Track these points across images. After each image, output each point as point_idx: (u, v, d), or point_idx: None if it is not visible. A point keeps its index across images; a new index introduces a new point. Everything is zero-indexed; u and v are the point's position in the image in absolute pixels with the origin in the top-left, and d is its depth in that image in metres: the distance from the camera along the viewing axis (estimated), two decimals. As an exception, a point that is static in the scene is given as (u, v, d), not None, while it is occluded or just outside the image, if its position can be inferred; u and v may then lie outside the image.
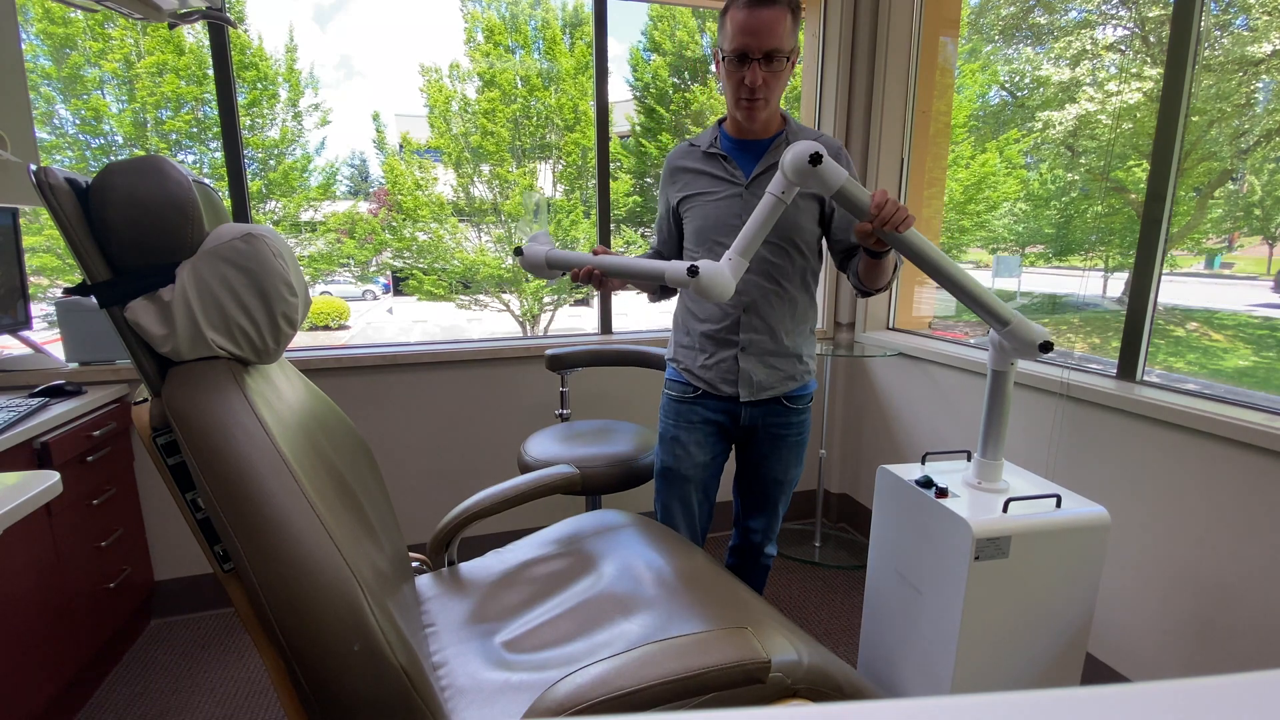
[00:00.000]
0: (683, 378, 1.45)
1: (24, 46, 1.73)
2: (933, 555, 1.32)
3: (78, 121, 6.42)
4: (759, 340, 1.38)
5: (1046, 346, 1.21)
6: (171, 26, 1.46)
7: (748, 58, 1.22)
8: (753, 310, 1.37)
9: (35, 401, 1.57)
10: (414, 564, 1.35)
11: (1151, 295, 1.55)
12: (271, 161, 7.17)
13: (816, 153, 1.06)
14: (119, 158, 1.18)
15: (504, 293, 8.23)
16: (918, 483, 1.38)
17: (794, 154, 1.09)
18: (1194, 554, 1.42)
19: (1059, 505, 1.29)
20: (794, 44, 1.25)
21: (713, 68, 1.42)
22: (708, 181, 1.38)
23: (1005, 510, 1.26)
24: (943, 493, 1.33)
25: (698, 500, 1.47)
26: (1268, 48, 2.15)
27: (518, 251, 1.20)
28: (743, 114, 1.30)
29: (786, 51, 1.23)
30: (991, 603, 1.25)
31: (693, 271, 1.09)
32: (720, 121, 1.42)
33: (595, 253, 1.22)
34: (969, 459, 1.47)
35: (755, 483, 1.50)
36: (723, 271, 1.10)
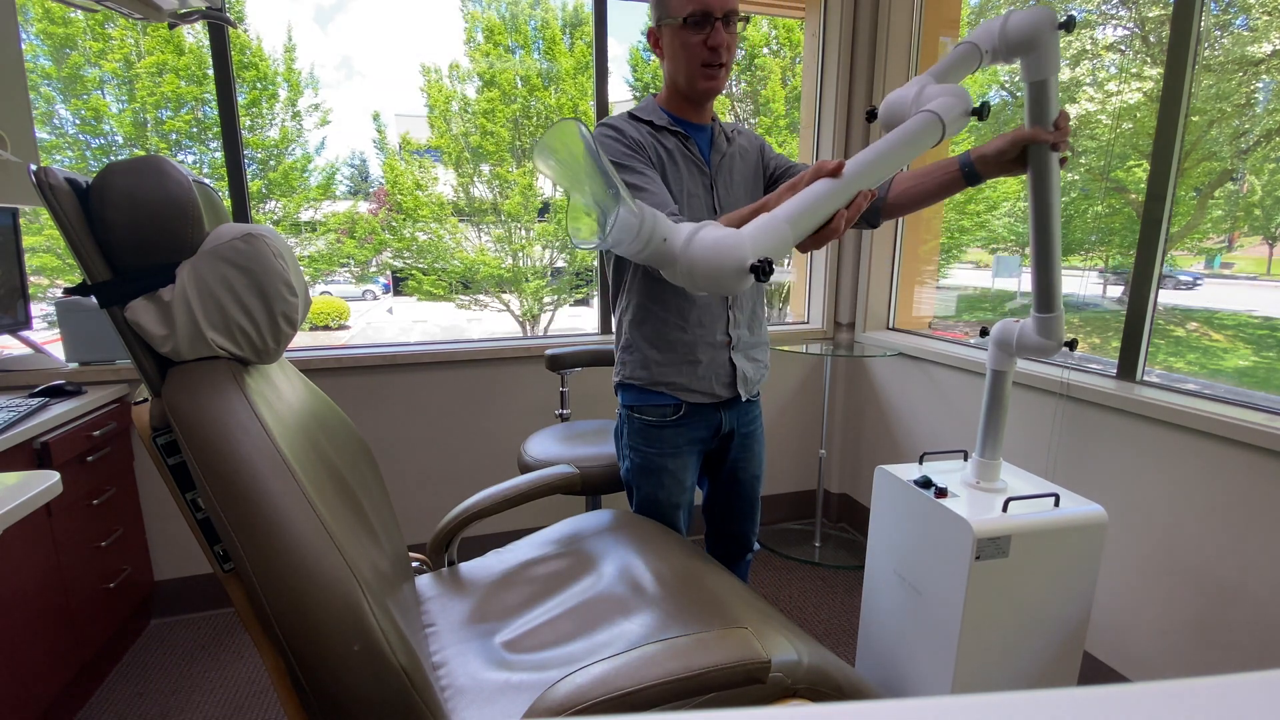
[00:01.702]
0: (667, 398, 1.31)
1: (24, 46, 1.73)
2: (933, 555, 1.32)
3: (78, 121, 6.42)
4: (743, 335, 1.34)
5: (1072, 344, 1.24)
6: (171, 26, 1.46)
7: (711, 17, 1.16)
8: (737, 305, 1.32)
9: (35, 401, 1.57)
10: (414, 564, 1.35)
11: (1151, 295, 1.55)
12: (271, 161, 7.17)
13: (1072, 17, 0.90)
14: (119, 158, 1.18)
15: (504, 293, 8.23)
16: (916, 483, 1.38)
17: (1036, 12, 0.91)
18: (1194, 553, 1.42)
19: (1057, 504, 1.29)
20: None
21: (649, 47, 1.27)
22: (681, 164, 1.25)
23: (1005, 510, 1.26)
24: (942, 493, 1.33)
25: (684, 520, 1.41)
26: (1268, 48, 2.15)
27: (764, 270, 0.65)
28: (706, 83, 1.21)
29: (744, 15, 1.21)
30: (992, 602, 1.25)
31: (984, 111, 0.85)
32: (655, 98, 1.29)
33: (832, 172, 0.76)
34: (965, 459, 1.47)
35: (737, 487, 1.45)
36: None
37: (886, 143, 0.82)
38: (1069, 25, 0.92)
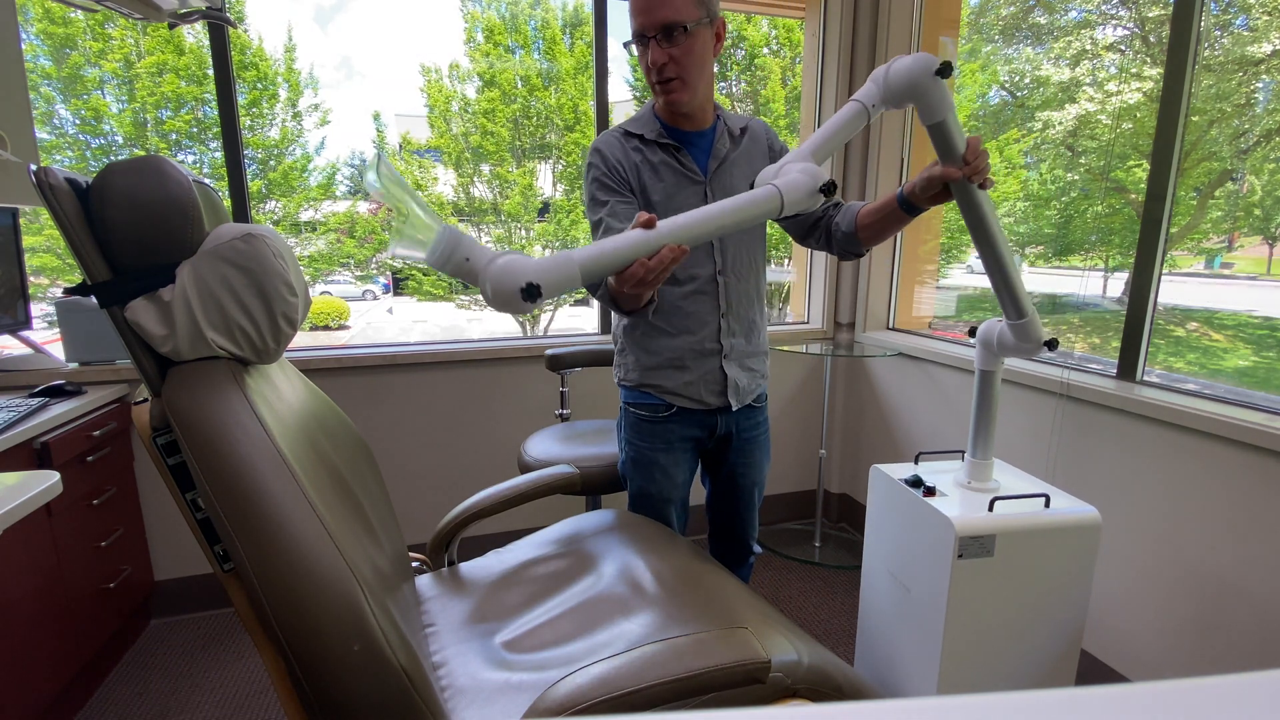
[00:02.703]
0: (654, 398, 1.32)
1: (24, 46, 1.73)
2: (919, 553, 1.32)
3: (78, 121, 6.42)
4: (738, 344, 1.33)
5: (1053, 344, 1.22)
6: (171, 26, 1.46)
7: (644, 37, 1.14)
8: (731, 314, 1.31)
9: (35, 401, 1.57)
10: (414, 564, 1.35)
11: (1151, 295, 1.55)
12: (271, 161, 7.17)
13: (948, 63, 0.91)
14: (119, 158, 1.18)
15: (504, 293, 8.22)
16: (907, 482, 1.38)
17: (914, 61, 0.93)
18: (1194, 554, 1.42)
19: (1048, 505, 1.29)
20: (702, 14, 1.13)
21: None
22: (668, 178, 1.24)
23: (991, 509, 1.26)
24: (930, 491, 1.34)
25: (677, 515, 1.42)
26: (1268, 48, 2.15)
27: (533, 292, 0.74)
28: (661, 98, 1.20)
29: (687, 22, 1.11)
30: (977, 601, 1.25)
31: (829, 189, 0.89)
32: (653, 105, 1.28)
33: (645, 224, 0.83)
34: (963, 459, 1.47)
35: (735, 491, 1.45)
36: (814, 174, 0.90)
37: (712, 209, 0.87)
38: (945, 72, 0.92)
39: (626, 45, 1.19)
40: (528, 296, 0.75)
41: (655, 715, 0.72)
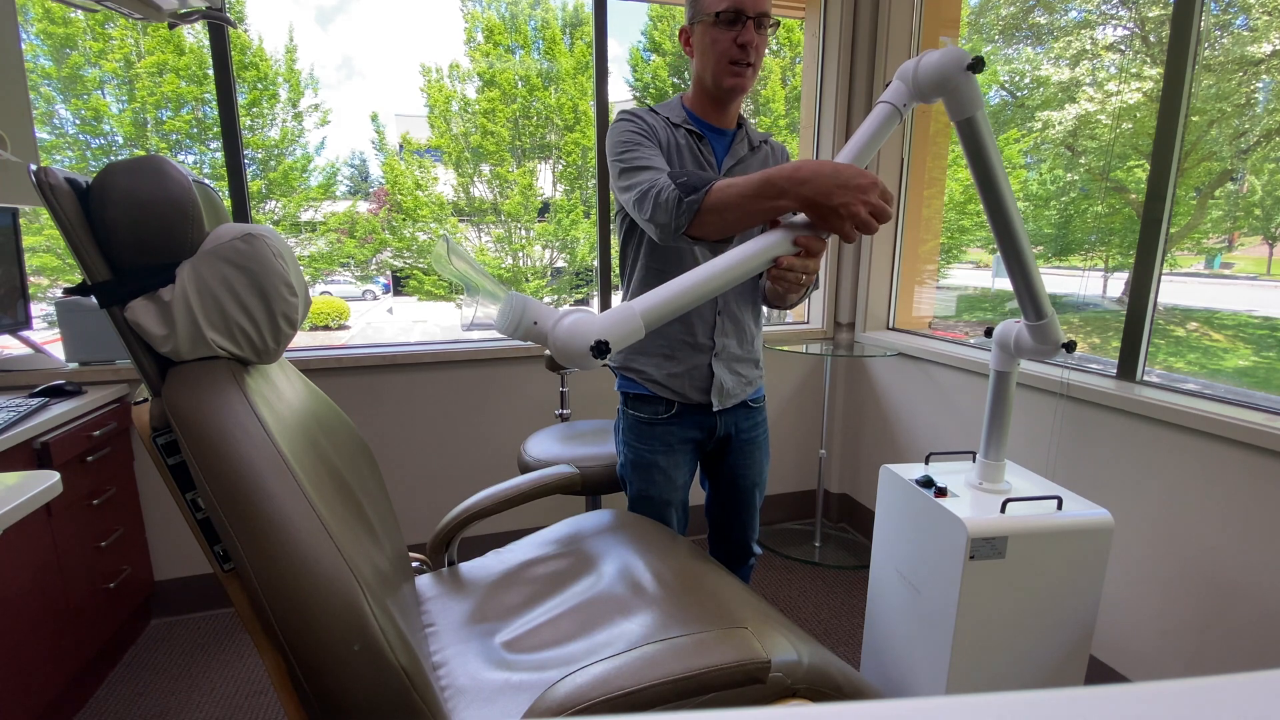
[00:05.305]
0: (649, 391, 1.33)
1: (24, 46, 1.73)
2: (930, 554, 1.32)
3: (78, 121, 6.43)
4: (729, 345, 1.33)
5: (1070, 346, 1.22)
6: (171, 26, 1.46)
7: (742, 15, 1.16)
8: (726, 313, 1.31)
9: (35, 401, 1.57)
10: (414, 564, 1.35)
11: (1151, 295, 1.55)
12: (271, 161, 7.17)
13: (980, 58, 0.89)
14: (119, 158, 1.18)
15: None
16: (918, 482, 1.38)
17: (945, 55, 0.93)
18: (1194, 554, 1.42)
19: (1060, 507, 1.29)
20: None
21: (682, 45, 1.29)
22: (687, 163, 1.26)
23: (1003, 511, 1.26)
24: (942, 492, 1.33)
25: (677, 518, 1.41)
26: (1268, 48, 2.15)
27: (602, 349, 0.76)
28: (732, 81, 1.21)
29: (771, 17, 1.20)
30: (987, 602, 1.25)
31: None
32: (681, 97, 1.31)
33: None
34: (974, 460, 1.47)
35: (735, 493, 1.45)
36: None
37: (740, 250, 0.88)
38: (977, 66, 0.92)
39: (719, 16, 1.17)
40: (598, 354, 0.76)
41: (655, 715, 0.72)
